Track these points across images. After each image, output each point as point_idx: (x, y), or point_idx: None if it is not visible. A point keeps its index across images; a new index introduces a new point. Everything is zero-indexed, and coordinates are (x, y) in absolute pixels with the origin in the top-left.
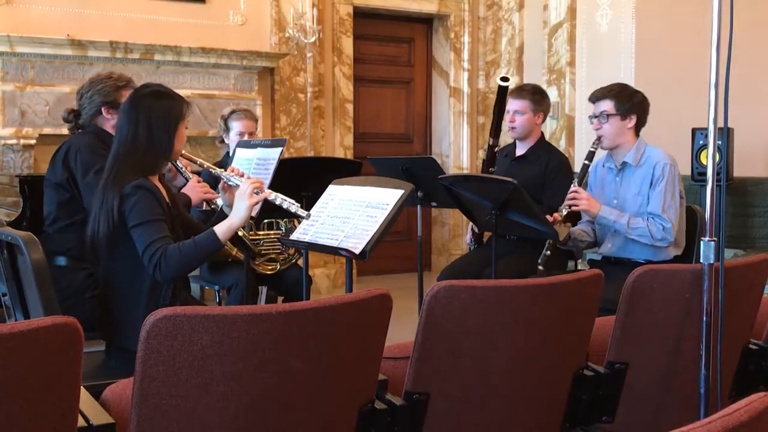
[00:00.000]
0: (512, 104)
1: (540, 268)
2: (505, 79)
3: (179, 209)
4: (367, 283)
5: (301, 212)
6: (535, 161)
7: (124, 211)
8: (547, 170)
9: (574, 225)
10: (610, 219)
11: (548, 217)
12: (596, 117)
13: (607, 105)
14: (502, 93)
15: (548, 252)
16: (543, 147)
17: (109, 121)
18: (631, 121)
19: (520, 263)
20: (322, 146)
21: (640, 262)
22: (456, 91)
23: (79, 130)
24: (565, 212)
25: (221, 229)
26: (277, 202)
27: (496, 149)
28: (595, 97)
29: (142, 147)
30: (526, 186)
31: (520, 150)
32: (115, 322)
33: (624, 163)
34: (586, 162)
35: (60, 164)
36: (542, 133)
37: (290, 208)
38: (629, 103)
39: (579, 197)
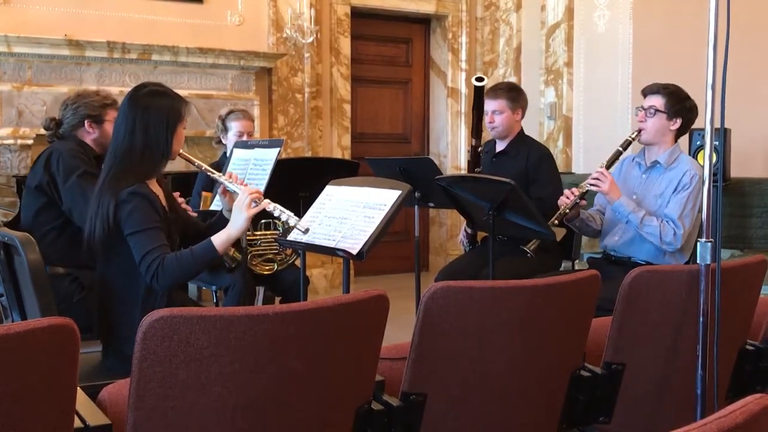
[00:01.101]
0: (489, 105)
1: (529, 254)
2: (480, 79)
3: (177, 211)
4: (365, 283)
5: (300, 226)
6: (515, 156)
7: (120, 218)
8: (529, 164)
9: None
10: (626, 209)
11: (567, 191)
12: (644, 109)
13: (657, 101)
14: (479, 93)
15: (556, 221)
16: (522, 141)
17: (90, 135)
18: (675, 124)
19: (517, 264)
20: (319, 146)
21: (640, 262)
22: (454, 92)
23: (57, 139)
24: (586, 189)
25: (219, 240)
26: (276, 214)
27: (480, 149)
28: (649, 90)
29: (139, 149)
30: None
31: (500, 146)
32: (111, 324)
33: (655, 162)
34: (620, 149)
35: (41, 168)
36: (521, 128)
37: (289, 221)
38: (679, 105)
39: (603, 179)
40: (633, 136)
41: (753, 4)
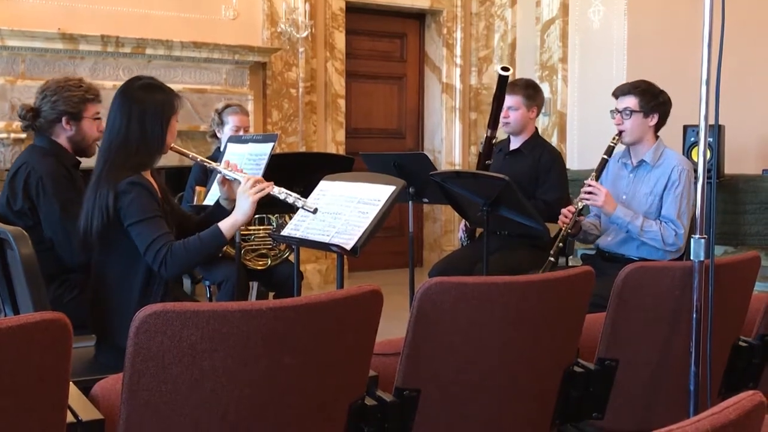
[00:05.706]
0: (505, 100)
1: (551, 259)
2: (505, 69)
3: (171, 204)
4: (359, 278)
5: (308, 207)
6: (528, 155)
7: (120, 208)
8: (540, 164)
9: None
10: (624, 220)
11: (564, 210)
12: (619, 112)
13: (631, 101)
14: (502, 83)
15: (561, 244)
16: (536, 141)
17: (66, 132)
18: (653, 120)
19: (511, 258)
20: (313, 141)
21: (634, 259)
22: (448, 87)
23: (34, 132)
24: (581, 206)
25: (226, 226)
26: (281, 197)
27: (494, 141)
28: (621, 92)
29: (135, 141)
30: (518, 179)
31: (514, 144)
32: (106, 317)
33: (641, 161)
34: (605, 156)
35: (20, 192)
36: (536, 128)
37: (296, 203)
38: (654, 101)
39: (598, 192)
40: (614, 141)
41: (747, 1)
